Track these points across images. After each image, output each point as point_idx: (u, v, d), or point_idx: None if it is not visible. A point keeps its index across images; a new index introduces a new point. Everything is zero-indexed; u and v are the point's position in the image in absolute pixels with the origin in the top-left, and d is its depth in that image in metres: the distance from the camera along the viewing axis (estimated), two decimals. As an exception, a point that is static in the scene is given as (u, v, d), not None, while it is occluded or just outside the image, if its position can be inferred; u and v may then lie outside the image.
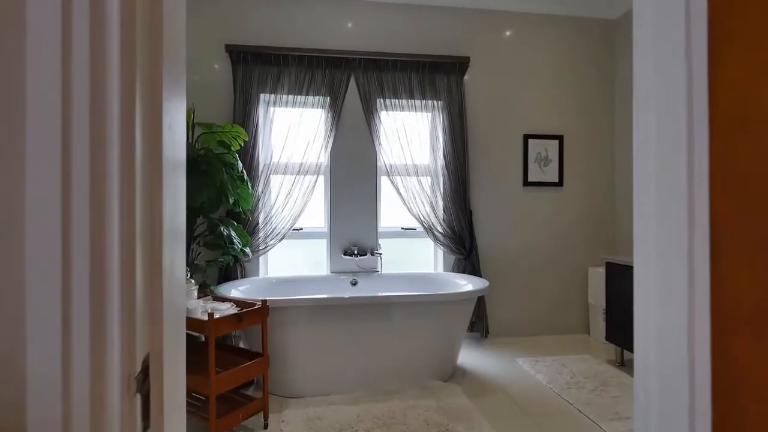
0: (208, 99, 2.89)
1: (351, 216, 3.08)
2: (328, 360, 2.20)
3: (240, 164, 2.38)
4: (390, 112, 3.05)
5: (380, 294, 2.39)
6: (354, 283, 2.97)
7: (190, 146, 2.21)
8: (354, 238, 3.08)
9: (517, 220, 3.26)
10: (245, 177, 2.40)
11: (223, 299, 2.04)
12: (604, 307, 3.04)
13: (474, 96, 3.21)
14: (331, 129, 2.97)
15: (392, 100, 3.05)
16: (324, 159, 2.99)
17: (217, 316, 1.75)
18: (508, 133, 3.26)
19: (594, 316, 3.21)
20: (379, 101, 3.04)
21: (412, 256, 3.31)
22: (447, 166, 3.07)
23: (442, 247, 3.09)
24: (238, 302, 1.98)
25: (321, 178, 3.09)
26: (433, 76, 3.10)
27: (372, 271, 3.07)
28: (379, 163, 3.10)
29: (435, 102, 3.10)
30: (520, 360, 2.72)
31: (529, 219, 3.28)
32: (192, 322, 1.69)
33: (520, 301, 3.26)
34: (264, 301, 1.89)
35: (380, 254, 3.04)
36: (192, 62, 2.89)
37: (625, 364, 2.64)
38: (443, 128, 3.09)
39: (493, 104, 3.23)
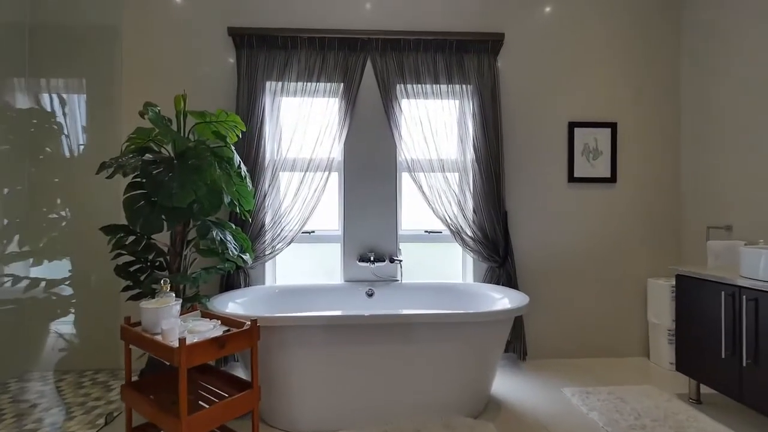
0: (210, 88, 2.63)
1: (367, 218, 2.73)
2: (336, 389, 1.85)
3: (237, 159, 2.08)
4: (412, 100, 2.68)
5: (398, 312, 2.01)
6: (370, 294, 2.62)
7: (180, 138, 1.93)
8: (371, 242, 2.73)
9: (560, 222, 2.80)
10: (244, 173, 2.10)
11: (212, 316, 1.74)
12: (670, 328, 2.54)
13: (509, 78, 2.77)
14: (344, 120, 2.64)
15: (414, 85, 2.67)
16: (337, 153, 2.65)
17: (195, 339, 1.44)
18: (550, 121, 2.80)
19: (656, 337, 2.70)
20: (400, 87, 2.67)
21: (437, 264, 2.91)
22: (478, 160, 2.65)
23: (471, 254, 2.68)
24: (226, 320, 1.67)
25: (334, 175, 2.76)
26: (462, 56, 2.69)
27: (391, 280, 2.70)
28: (399, 158, 2.73)
29: (464, 87, 2.70)
30: (566, 391, 2.27)
31: (574, 221, 2.80)
32: (161, 348, 1.38)
33: (565, 317, 2.79)
34: (254, 321, 1.57)
35: (400, 261, 2.67)
36: (192, 48, 2.63)
37: (702, 402, 2.13)
38: (473, 117, 2.68)
39: (532, 87, 2.79)
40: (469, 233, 2.66)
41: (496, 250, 2.65)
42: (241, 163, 2.10)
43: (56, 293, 2.29)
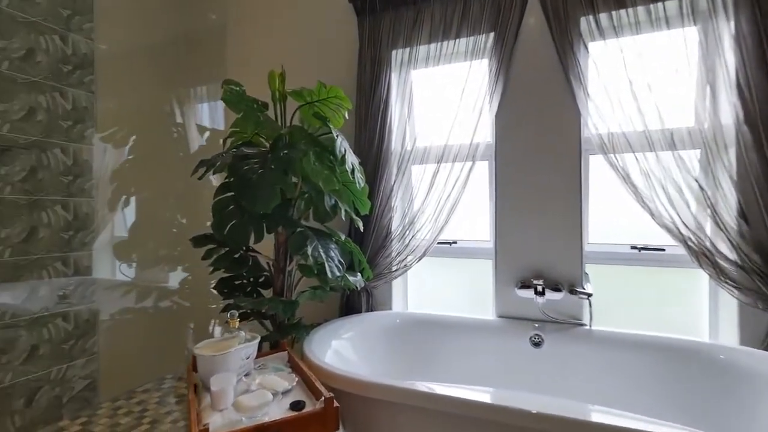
0: (326, 67, 2.23)
1: (531, 225, 1.84)
2: None
3: (343, 146, 1.53)
4: (609, 40, 1.67)
5: (605, 418, 1.09)
6: (537, 343, 1.73)
7: (269, 122, 1.52)
8: (537, 261, 1.83)
9: None
10: (351, 166, 1.55)
11: (297, 366, 1.23)
12: None
13: (825, -39, 1.45)
14: (494, 86, 1.83)
15: (613, 12, 1.66)
16: (484, 135, 1.87)
17: (242, 419, 0.92)
18: None
19: None
20: (585, 21, 1.70)
21: (654, 303, 1.78)
22: (749, 122, 1.45)
23: (737, 293, 1.48)
24: (308, 379, 1.12)
25: (482, 165, 1.99)
26: (710, -57, 1.53)
27: (573, 323, 1.74)
28: (584, 133, 1.76)
29: (707, 4, 1.53)
30: None
31: None
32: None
33: None
34: (329, 401, 0.96)
35: (588, 295, 1.68)
36: (307, 18, 2.29)
37: None
38: (737, 45, 1.49)
39: None
40: (730, 255, 1.47)
41: (797, 291, 1.38)
42: (347, 152, 1.55)
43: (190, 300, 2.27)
